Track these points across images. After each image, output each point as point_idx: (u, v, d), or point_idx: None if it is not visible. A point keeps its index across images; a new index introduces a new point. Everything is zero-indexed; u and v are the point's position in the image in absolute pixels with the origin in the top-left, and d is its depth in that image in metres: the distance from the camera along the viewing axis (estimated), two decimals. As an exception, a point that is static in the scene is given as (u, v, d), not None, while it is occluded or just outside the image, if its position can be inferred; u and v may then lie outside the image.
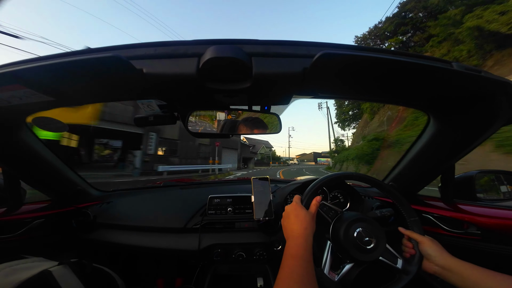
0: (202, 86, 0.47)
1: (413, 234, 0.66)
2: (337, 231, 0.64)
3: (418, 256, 0.63)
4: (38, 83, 0.47)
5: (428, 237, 0.65)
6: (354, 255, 0.60)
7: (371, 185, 0.76)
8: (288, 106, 0.69)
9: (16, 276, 0.57)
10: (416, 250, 0.64)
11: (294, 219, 0.59)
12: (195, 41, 0.43)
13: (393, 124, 11.68)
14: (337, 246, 0.64)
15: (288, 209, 0.63)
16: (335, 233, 0.65)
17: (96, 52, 0.40)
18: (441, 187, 0.87)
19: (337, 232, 0.64)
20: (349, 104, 29.17)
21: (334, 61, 0.41)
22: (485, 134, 0.62)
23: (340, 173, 0.77)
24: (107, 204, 1.10)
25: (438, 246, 0.61)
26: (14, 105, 0.56)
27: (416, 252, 0.64)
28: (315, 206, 0.63)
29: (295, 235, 0.55)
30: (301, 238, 0.54)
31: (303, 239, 0.53)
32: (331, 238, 0.66)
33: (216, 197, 1.03)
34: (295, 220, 0.58)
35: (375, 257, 0.61)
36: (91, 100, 0.62)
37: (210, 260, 0.98)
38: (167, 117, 0.70)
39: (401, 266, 0.64)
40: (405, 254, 0.66)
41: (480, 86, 0.49)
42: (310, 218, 0.59)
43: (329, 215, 0.69)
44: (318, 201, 0.64)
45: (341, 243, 0.62)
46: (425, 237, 0.64)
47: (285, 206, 0.65)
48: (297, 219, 0.58)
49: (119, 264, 1.22)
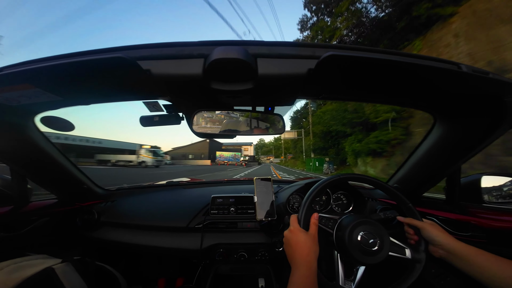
0: (207, 86, 0.48)
1: (412, 221, 0.65)
2: (340, 239, 0.62)
3: (423, 242, 0.62)
4: (47, 82, 0.48)
5: (428, 221, 0.64)
6: (362, 260, 0.60)
7: (374, 187, 0.75)
8: (292, 107, 0.69)
9: (20, 273, 0.58)
10: (419, 236, 0.64)
11: (295, 246, 0.57)
12: (201, 42, 0.43)
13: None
14: (344, 254, 0.63)
15: (287, 236, 0.61)
16: (339, 242, 0.63)
17: (104, 53, 0.41)
18: (446, 190, 0.86)
19: (341, 240, 0.62)
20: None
21: (340, 63, 0.41)
22: (491, 137, 0.61)
23: (341, 175, 0.76)
24: (111, 203, 1.11)
25: (439, 230, 0.61)
26: (23, 104, 0.57)
27: (419, 238, 0.64)
28: (314, 225, 0.60)
29: (297, 264, 0.53)
30: (303, 267, 0.52)
31: (305, 268, 0.52)
32: (337, 247, 0.64)
33: (219, 197, 1.04)
34: (296, 247, 0.56)
35: (383, 257, 0.60)
36: (99, 100, 0.63)
37: (212, 260, 0.98)
38: (173, 117, 0.71)
39: (411, 255, 0.63)
40: (410, 242, 0.66)
41: (487, 87, 0.49)
42: (311, 242, 0.56)
43: (329, 226, 0.67)
44: (316, 219, 0.62)
45: (347, 250, 0.60)
46: (424, 222, 0.63)
47: (284, 232, 0.63)
48: (297, 246, 0.56)
49: (121, 262, 1.23)
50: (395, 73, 0.46)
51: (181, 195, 1.24)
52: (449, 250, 0.57)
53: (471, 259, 0.53)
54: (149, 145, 22.16)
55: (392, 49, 0.43)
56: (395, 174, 1.00)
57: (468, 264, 0.53)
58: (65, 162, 0.89)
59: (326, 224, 0.68)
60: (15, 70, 0.43)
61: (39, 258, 0.69)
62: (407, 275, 0.61)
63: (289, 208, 1.00)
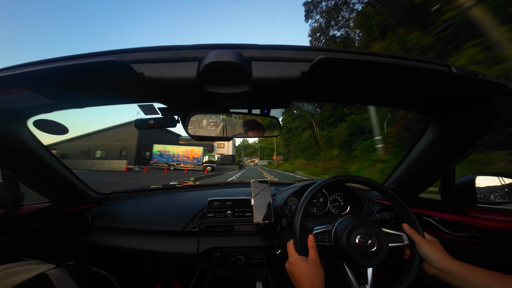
0: (202, 89, 0.48)
1: (414, 234, 0.64)
2: (340, 249, 0.62)
3: (417, 259, 0.62)
4: (39, 86, 0.48)
5: (428, 238, 0.64)
6: (365, 264, 0.60)
7: (371, 188, 0.76)
8: (288, 109, 0.69)
9: (12, 278, 0.57)
10: (413, 252, 0.63)
11: (298, 278, 0.56)
12: (195, 46, 0.43)
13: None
14: (348, 261, 0.62)
15: (289, 269, 0.60)
16: (340, 252, 0.62)
17: (98, 56, 0.41)
18: (441, 190, 0.86)
19: (342, 250, 0.61)
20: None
21: (333, 65, 0.42)
22: (484, 137, 0.62)
23: (338, 176, 0.77)
24: (105, 207, 1.10)
25: (436, 249, 0.60)
26: (16, 108, 0.57)
27: (411, 253, 0.64)
28: (312, 249, 0.60)
29: None
30: None
31: None
32: (339, 257, 0.64)
33: (215, 200, 1.03)
34: (299, 279, 0.56)
35: (384, 255, 0.60)
36: (93, 103, 0.63)
37: (209, 264, 0.97)
38: (168, 120, 0.70)
39: (409, 241, 0.64)
40: (404, 256, 0.66)
41: (478, 88, 0.50)
42: (313, 269, 0.56)
43: (326, 240, 0.66)
44: (313, 241, 0.61)
45: (349, 257, 0.60)
46: (423, 238, 0.63)
47: (285, 265, 0.62)
48: (300, 277, 0.56)
49: (117, 267, 1.21)
50: (388, 75, 0.46)
51: (177, 199, 1.23)
52: (443, 269, 0.57)
53: (467, 277, 0.52)
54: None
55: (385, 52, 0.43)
56: (391, 175, 1.01)
57: (464, 282, 0.53)
58: (58, 165, 0.88)
59: (323, 239, 0.66)
60: (7, 73, 0.42)
61: (32, 263, 0.68)
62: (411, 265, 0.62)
63: (286, 210, 1.00)
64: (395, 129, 9.26)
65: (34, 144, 0.76)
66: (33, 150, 0.76)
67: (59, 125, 0.69)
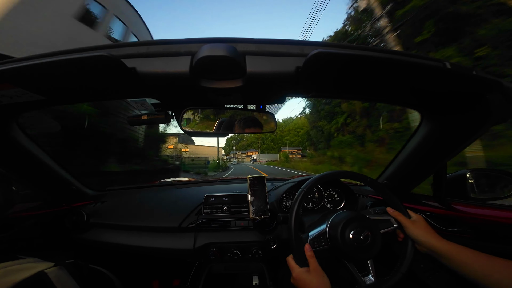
0: (195, 84, 0.47)
1: (399, 216, 0.66)
2: (338, 249, 0.62)
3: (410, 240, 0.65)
4: (28, 82, 0.46)
5: (415, 215, 0.67)
6: (363, 257, 0.61)
7: (364, 183, 0.76)
8: (283, 105, 0.69)
9: (10, 277, 0.56)
10: (404, 234, 0.66)
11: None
12: (188, 40, 0.42)
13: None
14: (348, 259, 0.63)
15: (294, 283, 0.60)
16: (338, 252, 0.63)
17: (87, 51, 0.40)
18: (433, 186, 0.88)
19: (339, 249, 0.62)
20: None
21: (327, 60, 0.41)
22: (477, 133, 0.63)
23: (332, 172, 0.77)
24: (101, 204, 1.09)
25: (421, 229, 0.62)
26: (4, 104, 0.55)
27: (404, 235, 0.66)
28: (311, 258, 0.60)
29: None
30: None
31: None
32: (339, 257, 0.64)
33: (212, 196, 1.03)
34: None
35: (379, 246, 0.61)
36: (84, 99, 0.61)
37: (206, 259, 0.98)
38: (161, 116, 0.69)
39: (397, 223, 0.67)
40: (398, 238, 0.69)
41: (472, 85, 0.50)
42: (316, 279, 0.56)
43: (322, 243, 0.65)
44: (310, 250, 0.61)
45: (348, 255, 0.61)
46: (408, 220, 0.66)
47: (290, 280, 0.62)
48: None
49: (115, 264, 1.21)
50: (383, 70, 0.46)
51: (174, 195, 1.23)
52: (430, 248, 0.59)
53: (452, 257, 0.55)
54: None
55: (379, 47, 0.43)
56: (385, 171, 1.02)
57: (450, 261, 0.55)
58: (51, 162, 0.87)
59: (319, 244, 0.65)
60: None
61: (30, 261, 0.67)
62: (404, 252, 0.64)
63: (282, 206, 1.01)
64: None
65: (24, 141, 0.74)
66: (23, 146, 0.74)
67: (50, 122, 0.68)
